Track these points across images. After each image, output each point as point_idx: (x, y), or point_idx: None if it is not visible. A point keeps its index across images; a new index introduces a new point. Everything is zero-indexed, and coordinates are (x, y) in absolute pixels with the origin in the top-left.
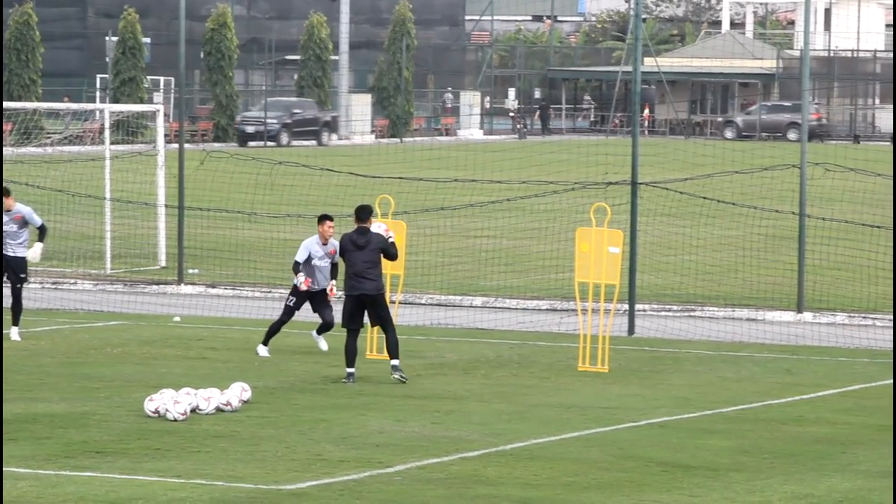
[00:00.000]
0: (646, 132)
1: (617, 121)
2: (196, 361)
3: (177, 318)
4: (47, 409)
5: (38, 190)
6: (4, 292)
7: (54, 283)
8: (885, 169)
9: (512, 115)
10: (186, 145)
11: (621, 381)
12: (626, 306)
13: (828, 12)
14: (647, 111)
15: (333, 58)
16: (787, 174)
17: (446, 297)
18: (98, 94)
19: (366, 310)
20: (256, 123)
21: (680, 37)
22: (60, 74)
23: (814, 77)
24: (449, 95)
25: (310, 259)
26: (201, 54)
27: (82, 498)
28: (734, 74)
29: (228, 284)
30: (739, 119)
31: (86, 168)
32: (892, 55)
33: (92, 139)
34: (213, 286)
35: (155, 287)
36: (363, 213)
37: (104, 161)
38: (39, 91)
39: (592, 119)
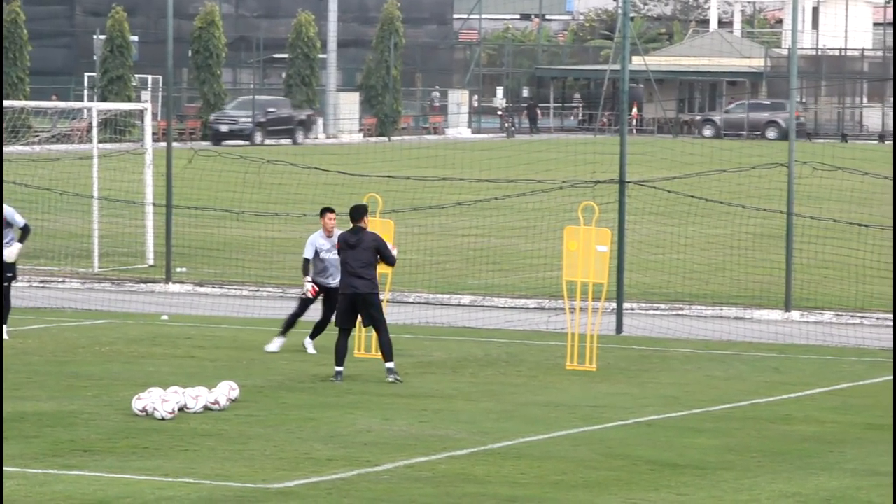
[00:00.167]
0: (634, 131)
1: (605, 119)
2: (184, 360)
3: (165, 317)
4: (35, 407)
5: (25, 188)
6: None
7: (42, 282)
8: (873, 167)
9: (500, 113)
10: (174, 144)
11: (609, 380)
12: (614, 305)
13: (815, 11)
14: (635, 110)
15: (321, 56)
16: (774, 173)
17: (434, 296)
18: (86, 92)
19: (358, 310)
20: (230, 122)
21: (668, 35)
22: (48, 73)
23: (801, 76)
24: (436, 94)
25: (318, 254)
26: (189, 53)
27: (70, 497)
28: (722, 73)
29: (216, 283)
30: (718, 118)
31: (73, 166)
32: (879, 54)
33: (80, 137)
34: (201, 285)
35: (143, 285)
36: (356, 213)
37: (92, 159)
38: (27, 89)
39: (580, 118)
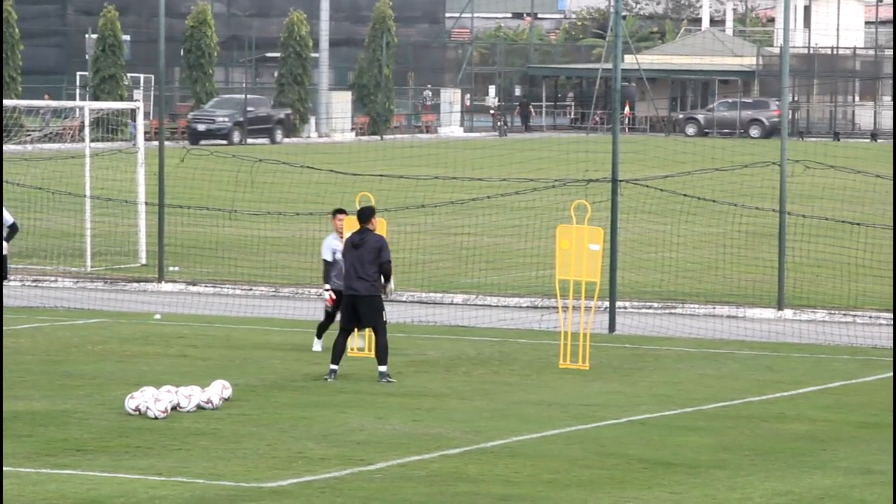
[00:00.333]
0: (626, 129)
1: (597, 118)
2: (177, 359)
3: (157, 316)
4: (28, 406)
5: (17, 188)
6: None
7: (35, 281)
8: (865, 166)
9: (492, 112)
10: (166, 143)
11: (602, 379)
12: (606, 304)
13: (807, 9)
14: (627, 108)
15: (314, 55)
16: (767, 171)
17: (427, 295)
18: (78, 91)
19: (359, 312)
20: (208, 121)
21: (660, 34)
22: (40, 72)
23: (793, 74)
24: (428, 93)
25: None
26: (181, 52)
27: (63, 496)
28: (714, 72)
29: (209, 282)
30: (700, 116)
31: (66, 165)
32: (871, 52)
33: (72, 136)
34: (193, 284)
35: (135, 284)
36: (363, 215)
37: (84, 158)
38: (19, 88)
39: (573, 116)
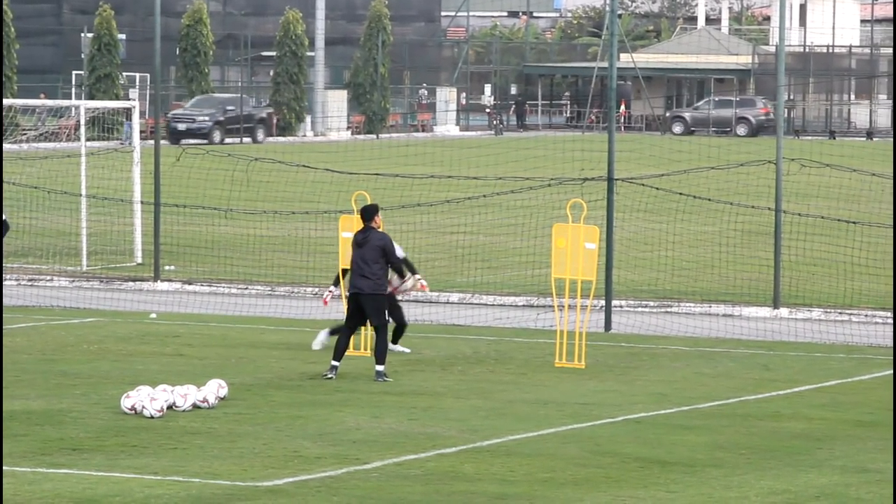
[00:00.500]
0: (622, 128)
1: (593, 117)
2: (173, 358)
3: (153, 315)
4: (23, 406)
5: (13, 187)
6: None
7: (30, 280)
8: (860, 164)
9: (488, 111)
10: (162, 142)
11: (598, 377)
12: (602, 302)
13: (803, 8)
14: (622, 107)
15: (309, 54)
16: (762, 170)
17: (423, 294)
18: (73, 90)
19: (363, 310)
20: (187, 121)
21: (655, 33)
22: (36, 71)
23: (789, 72)
24: (424, 92)
25: None
26: (177, 51)
27: (59, 495)
28: (710, 70)
29: (205, 281)
30: (687, 114)
31: (61, 165)
32: (867, 51)
33: (67, 136)
34: (189, 283)
35: (131, 284)
36: (365, 213)
37: (80, 157)
38: (15, 88)
39: (569, 115)
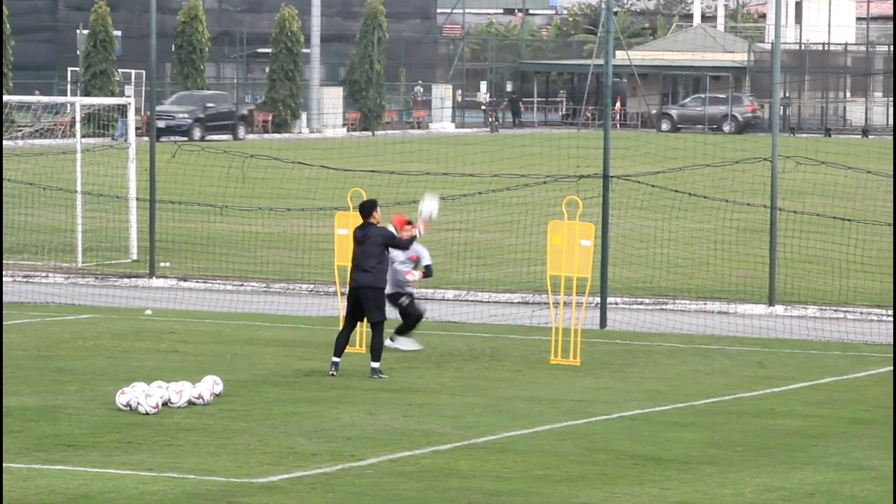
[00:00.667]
0: (617, 125)
1: (588, 114)
2: (168, 355)
3: (148, 312)
4: (18, 402)
5: (8, 183)
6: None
7: (25, 277)
8: (856, 162)
9: (483, 108)
10: (162, 138)
11: (593, 374)
12: (597, 299)
13: (798, 5)
14: (618, 104)
15: (305, 51)
16: (758, 167)
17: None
18: (69, 87)
19: (361, 304)
20: (167, 118)
21: (651, 30)
22: (31, 67)
23: (785, 70)
24: (420, 89)
25: (392, 263)
26: (172, 47)
27: (54, 491)
28: (705, 68)
29: (200, 277)
30: (674, 111)
31: (57, 161)
32: (863, 48)
33: (63, 132)
34: (184, 279)
35: (126, 280)
36: (363, 209)
37: (75, 154)
38: (10, 84)
39: (564, 112)
